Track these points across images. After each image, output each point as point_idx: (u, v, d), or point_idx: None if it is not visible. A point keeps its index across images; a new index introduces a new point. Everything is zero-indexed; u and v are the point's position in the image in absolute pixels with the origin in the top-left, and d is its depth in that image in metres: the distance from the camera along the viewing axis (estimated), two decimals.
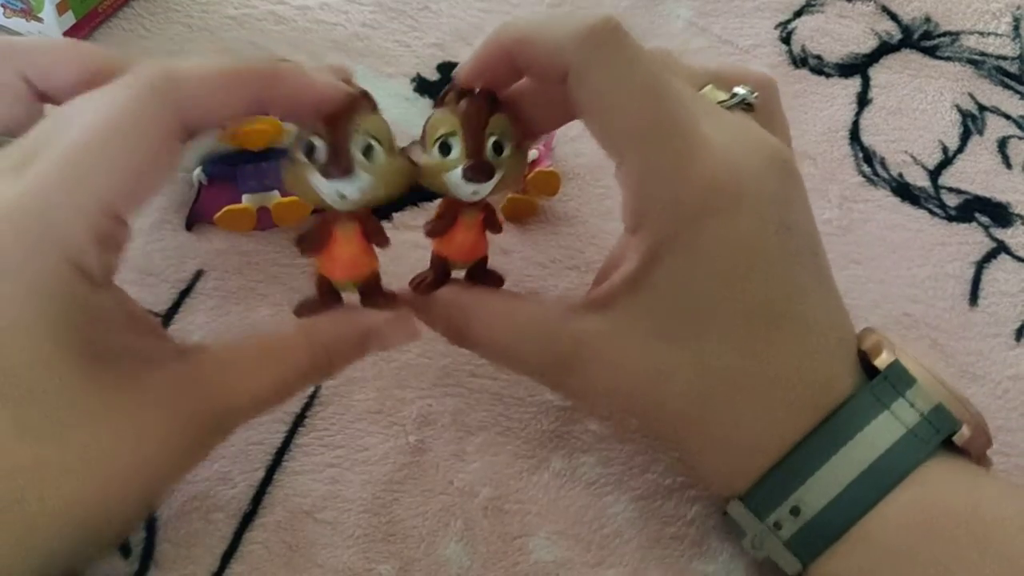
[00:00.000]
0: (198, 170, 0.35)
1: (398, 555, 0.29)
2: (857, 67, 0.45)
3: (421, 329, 0.28)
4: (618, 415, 0.26)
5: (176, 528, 0.29)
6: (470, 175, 0.25)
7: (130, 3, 0.43)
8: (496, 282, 0.29)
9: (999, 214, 0.40)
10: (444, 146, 0.26)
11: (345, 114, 0.25)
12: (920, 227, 0.39)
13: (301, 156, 0.25)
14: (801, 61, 0.45)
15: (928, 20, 0.47)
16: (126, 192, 0.23)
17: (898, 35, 0.46)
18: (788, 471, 0.25)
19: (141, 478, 0.23)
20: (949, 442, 0.25)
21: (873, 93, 0.44)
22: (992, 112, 0.43)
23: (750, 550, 0.26)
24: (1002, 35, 0.47)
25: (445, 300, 0.28)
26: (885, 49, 0.46)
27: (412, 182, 0.26)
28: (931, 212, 0.40)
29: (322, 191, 0.25)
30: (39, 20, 0.40)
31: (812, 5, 0.47)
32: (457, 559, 0.29)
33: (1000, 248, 0.39)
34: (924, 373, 0.25)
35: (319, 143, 0.25)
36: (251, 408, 0.26)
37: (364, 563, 0.29)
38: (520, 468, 0.31)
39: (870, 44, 0.46)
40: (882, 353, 0.26)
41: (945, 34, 0.46)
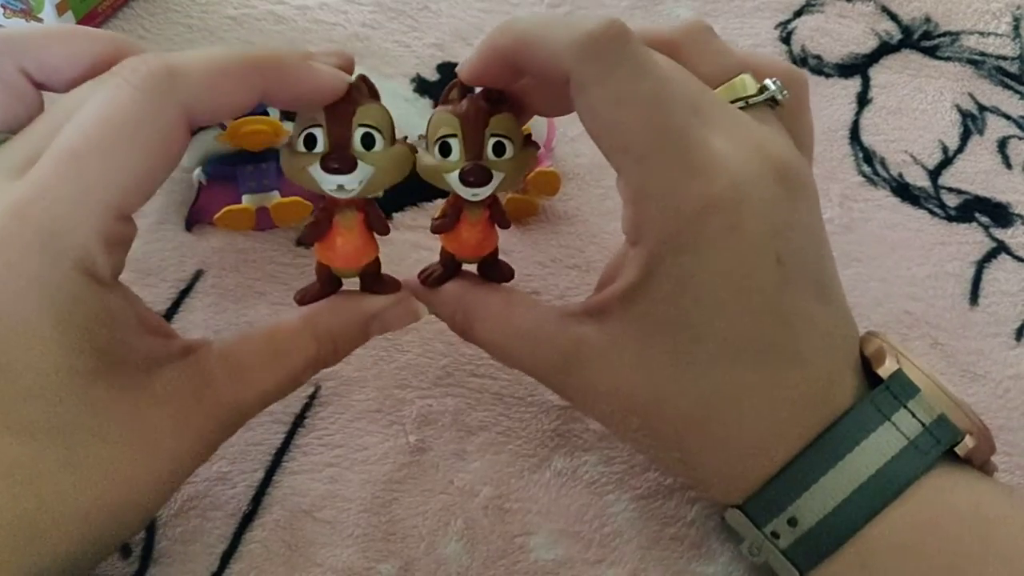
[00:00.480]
0: (198, 170, 0.35)
1: (398, 554, 0.29)
2: (857, 67, 0.45)
3: (420, 327, 0.28)
4: (619, 414, 0.26)
5: (176, 527, 0.29)
6: (466, 180, 0.25)
7: (130, 3, 0.43)
8: (506, 275, 0.29)
9: (999, 214, 0.40)
10: (444, 146, 0.26)
11: (346, 106, 0.25)
12: (920, 227, 0.39)
13: (301, 146, 0.25)
14: (801, 61, 0.45)
15: (928, 20, 0.47)
16: (133, 191, 0.23)
17: (898, 35, 0.46)
18: (786, 482, 0.25)
19: (151, 478, 0.23)
20: (952, 450, 0.25)
21: (873, 93, 0.44)
22: (992, 112, 0.43)
23: (748, 556, 0.26)
24: (1002, 35, 0.47)
25: (450, 296, 0.28)
26: (885, 49, 0.46)
27: (413, 169, 0.26)
28: (931, 212, 0.40)
29: (322, 182, 0.25)
30: (39, 20, 0.40)
31: (812, 5, 0.47)
32: (457, 558, 0.29)
33: (1000, 248, 0.39)
34: (927, 382, 0.25)
35: (320, 135, 0.25)
36: (259, 403, 0.26)
37: (364, 562, 0.29)
38: (521, 467, 0.31)
39: (870, 44, 0.46)
40: (885, 361, 0.26)
41: (945, 34, 0.46)
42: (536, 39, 0.24)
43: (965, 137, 0.42)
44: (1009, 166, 0.42)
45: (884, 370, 0.25)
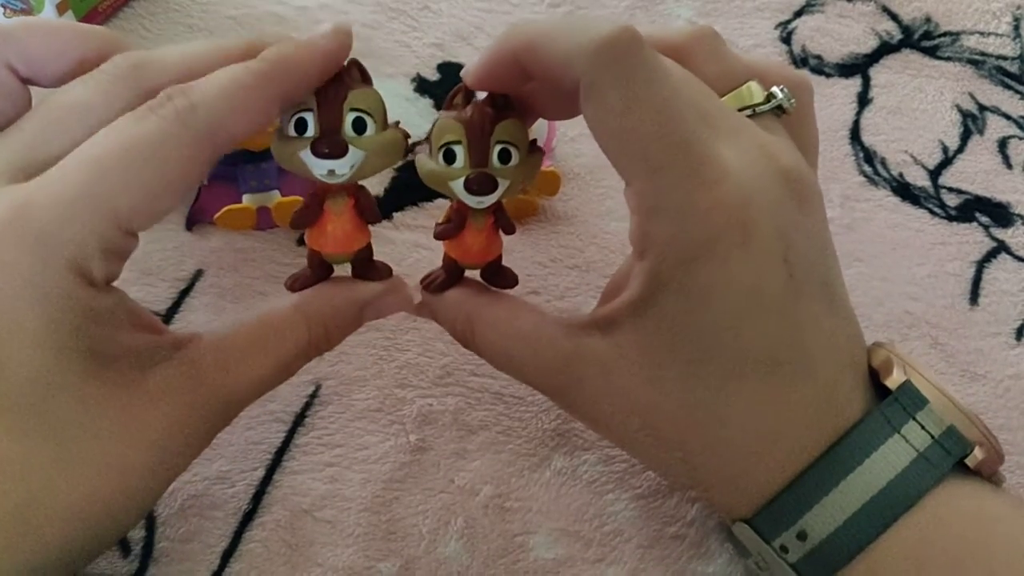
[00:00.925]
0: None
1: (398, 553, 0.29)
2: (857, 67, 0.45)
3: (420, 327, 0.28)
4: (620, 415, 0.26)
5: (176, 527, 0.29)
6: (471, 189, 0.25)
7: (130, 3, 0.43)
8: (510, 282, 0.28)
9: (999, 214, 0.40)
10: (449, 153, 0.25)
11: (337, 90, 0.24)
12: (920, 227, 0.39)
13: (291, 131, 0.25)
14: (801, 61, 0.45)
15: (928, 20, 0.47)
16: (143, 212, 0.23)
17: (898, 35, 0.46)
18: (796, 495, 0.24)
19: (144, 473, 0.23)
20: (961, 462, 0.24)
21: (873, 93, 0.44)
22: (992, 112, 0.43)
23: (755, 570, 0.26)
24: (1002, 35, 0.47)
25: (452, 303, 0.28)
26: (885, 49, 0.46)
27: (405, 153, 0.26)
28: (931, 212, 0.40)
29: (313, 167, 0.25)
30: None
31: (812, 5, 0.47)
32: (457, 557, 0.29)
33: (1000, 248, 0.39)
34: (935, 392, 0.25)
35: (310, 119, 0.24)
36: (252, 392, 0.26)
37: (364, 561, 0.29)
38: (521, 466, 0.31)
39: (870, 44, 0.46)
40: (892, 372, 0.25)
41: (945, 34, 0.46)
42: (547, 42, 0.24)
43: (965, 137, 0.42)
44: (1009, 166, 0.42)
45: (892, 381, 0.25)
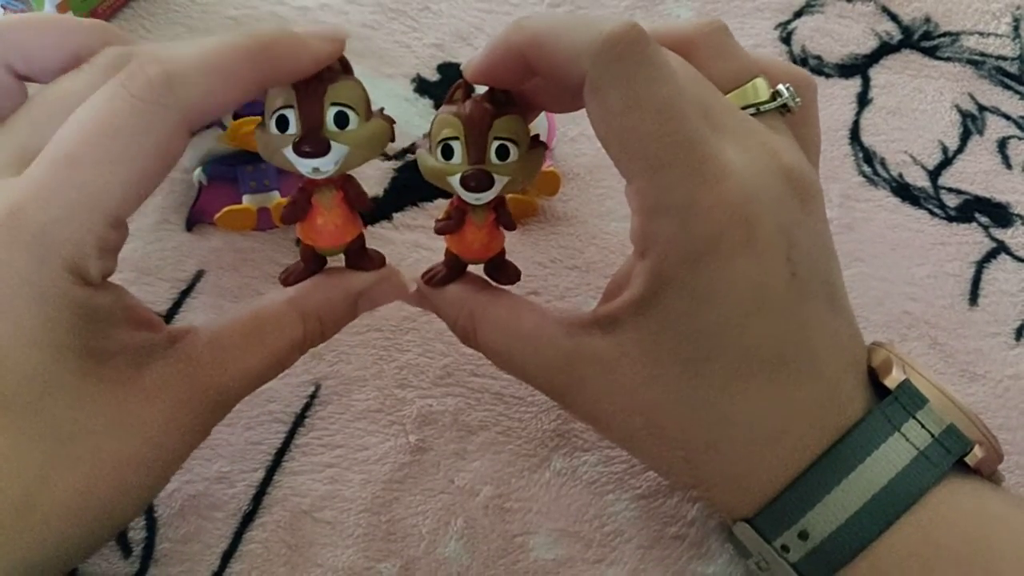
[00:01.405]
0: (198, 170, 0.35)
1: (398, 554, 0.29)
2: (857, 67, 0.45)
3: (420, 327, 0.28)
4: (621, 414, 0.26)
5: (176, 527, 0.29)
6: (467, 185, 0.25)
7: (130, 3, 0.43)
8: (513, 277, 0.28)
9: (999, 214, 0.40)
10: (447, 149, 0.25)
11: (316, 85, 0.24)
12: (920, 227, 0.39)
13: (274, 128, 0.24)
14: (801, 61, 0.45)
15: (928, 20, 0.47)
16: (129, 198, 0.23)
17: (898, 35, 0.46)
18: (797, 494, 0.24)
19: (141, 469, 0.23)
20: (960, 460, 0.25)
21: (873, 93, 0.44)
22: (992, 112, 0.43)
23: (755, 570, 0.26)
24: (1002, 35, 0.47)
25: (454, 299, 0.28)
26: (885, 49, 0.46)
27: (390, 141, 0.26)
28: (931, 212, 0.40)
29: (297, 165, 0.24)
30: None
31: (812, 5, 0.47)
32: (457, 557, 0.29)
33: (1000, 248, 0.39)
34: (934, 391, 0.25)
35: (291, 116, 0.24)
36: (248, 386, 0.26)
37: (364, 562, 0.29)
38: (521, 467, 0.31)
39: (870, 44, 0.46)
40: (892, 371, 0.25)
41: (945, 34, 0.46)
42: (552, 38, 0.23)
43: (965, 137, 0.42)
44: (1009, 166, 0.42)
45: (891, 380, 0.25)
